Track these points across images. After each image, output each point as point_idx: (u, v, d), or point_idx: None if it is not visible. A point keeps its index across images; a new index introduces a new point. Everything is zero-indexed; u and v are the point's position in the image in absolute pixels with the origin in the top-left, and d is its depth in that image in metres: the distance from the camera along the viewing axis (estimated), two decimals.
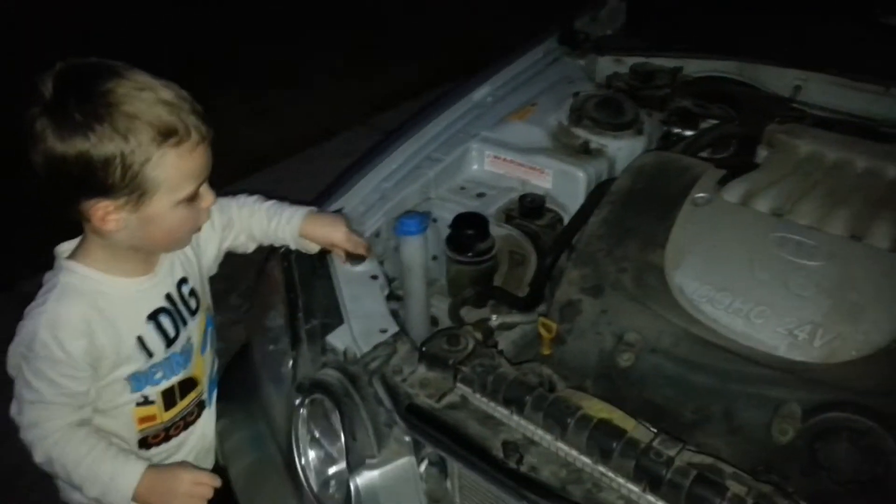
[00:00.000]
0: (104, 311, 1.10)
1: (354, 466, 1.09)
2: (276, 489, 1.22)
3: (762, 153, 1.52)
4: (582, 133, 1.67)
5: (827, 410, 1.02)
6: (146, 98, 0.99)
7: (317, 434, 1.20)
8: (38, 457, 1.11)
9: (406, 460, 1.09)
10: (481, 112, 1.84)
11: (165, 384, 1.20)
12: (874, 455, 0.97)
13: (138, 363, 1.15)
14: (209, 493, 1.13)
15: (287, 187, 2.35)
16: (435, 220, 1.57)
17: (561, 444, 0.99)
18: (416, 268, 1.47)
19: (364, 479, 1.08)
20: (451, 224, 1.46)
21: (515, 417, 1.04)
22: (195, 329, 1.24)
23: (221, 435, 1.37)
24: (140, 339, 1.14)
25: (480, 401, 1.08)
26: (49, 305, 1.07)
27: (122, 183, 1.00)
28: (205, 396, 1.32)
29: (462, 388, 1.09)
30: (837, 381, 1.04)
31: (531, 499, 0.94)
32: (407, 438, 1.09)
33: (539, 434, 1.01)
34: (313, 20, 5.30)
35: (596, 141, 1.65)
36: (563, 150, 1.65)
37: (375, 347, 1.17)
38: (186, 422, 1.29)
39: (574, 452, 0.98)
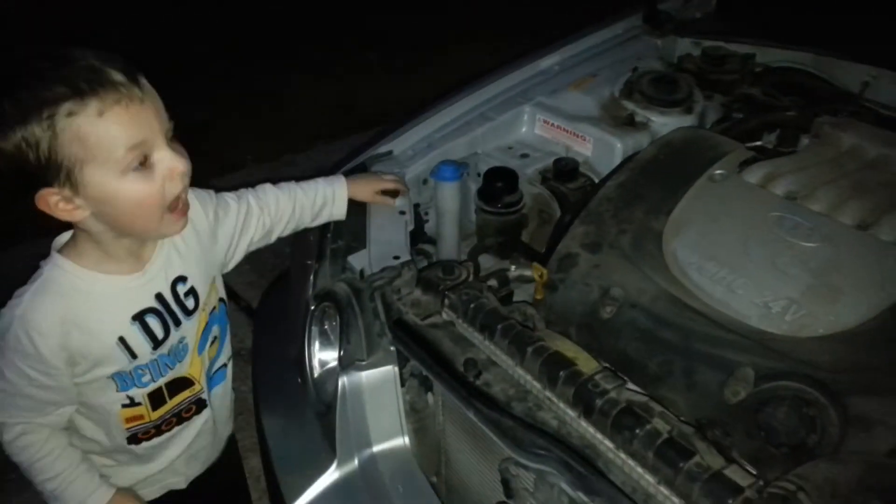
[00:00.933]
0: (83, 310, 1.05)
1: (345, 366, 1.24)
2: (289, 381, 1.39)
3: (804, 142, 1.52)
4: (630, 106, 1.72)
5: (779, 379, 1.05)
6: (48, 70, 0.91)
7: (329, 336, 1.36)
8: (6, 441, 1.11)
9: (389, 368, 1.23)
10: (544, 79, 1.92)
11: (153, 386, 1.16)
12: (811, 424, 1.00)
13: (120, 364, 1.10)
14: None
15: None
16: (479, 175, 1.68)
17: (518, 369, 1.09)
18: (449, 212, 1.60)
19: (352, 378, 1.23)
20: (483, 176, 1.57)
21: (486, 342, 1.15)
22: (191, 329, 1.18)
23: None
24: (122, 340, 1.09)
25: (462, 325, 1.19)
26: (26, 299, 1.03)
27: (41, 164, 0.93)
28: (204, 395, 1.26)
29: (448, 313, 1.21)
30: (796, 353, 1.07)
31: (476, 407, 1.05)
32: (392, 349, 1.23)
33: (502, 358, 1.12)
34: None
35: (642, 115, 1.70)
36: (609, 121, 1.71)
37: (383, 269, 1.31)
38: (181, 417, 1.24)
39: (528, 377, 1.08)
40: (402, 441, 1.26)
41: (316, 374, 1.32)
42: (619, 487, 0.93)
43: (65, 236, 1.10)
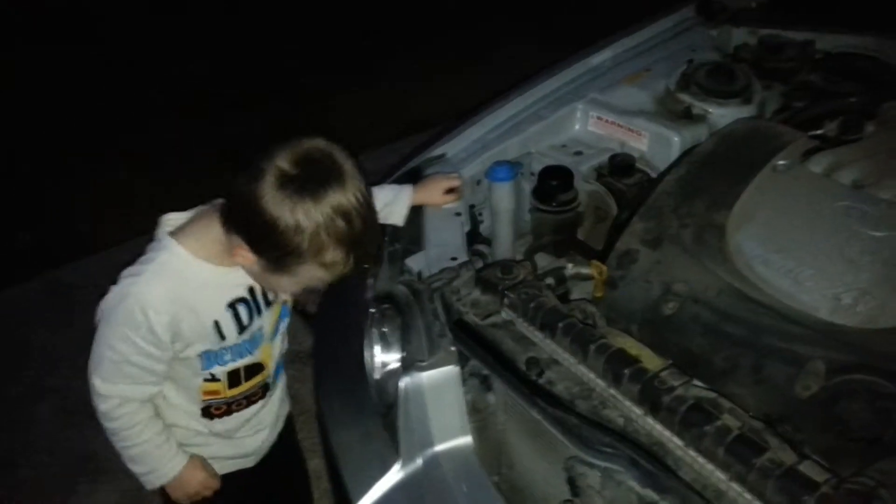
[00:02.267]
0: (191, 294, 1.17)
1: (406, 367, 1.25)
2: (350, 382, 1.41)
3: (869, 129, 1.48)
4: (687, 98, 1.69)
5: (852, 372, 1.02)
6: (350, 227, 1.07)
7: (389, 338, 1.37)
8: (103, 410, 1.22)
9: (450, 368, 1.23)
10: (597, 75, 1.90)
11: (232, 366, 1.28)
12: (887, 417, 0.97)
13: (211, 344, 1.23)
14: (208, 494, 1.34)
15: None
16: (532, 174, 1.68)
17: (581, 367, 1.09)
18: (504, 212, 1.60)
19: (413, 379, 1.24)
20: (538, 175, 1.57)
21: (547, 340, 1.14)
22: (267, 319, 1.31)
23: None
24: (217, 324, 1.22)
25: (522, 325, 1.19)
26: (142, 279, 1.14)
27: (272, 256, 1.10)
28: (270, 380, 1.39)
29: (508, 312, 1.21)
30: (870, 345, 1.04)
31: (540, 406, 1.05)
32: (453, 349, 1.23)
33: (564, 356, 1.11)
34: None
35: (699, 107, 1.67)
36: (665, 115, 1.69)
37: (442, 271, 1.32)
38: (249, 401, 1.36)
39: (591, 375, 1.07)
40: (465, 440, 1.26)
41: (377, 376, 1.33)
42: (689, 484, 0.92)
43: (174, 217, 1.22)
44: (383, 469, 1.28)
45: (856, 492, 0.84)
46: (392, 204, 1.44)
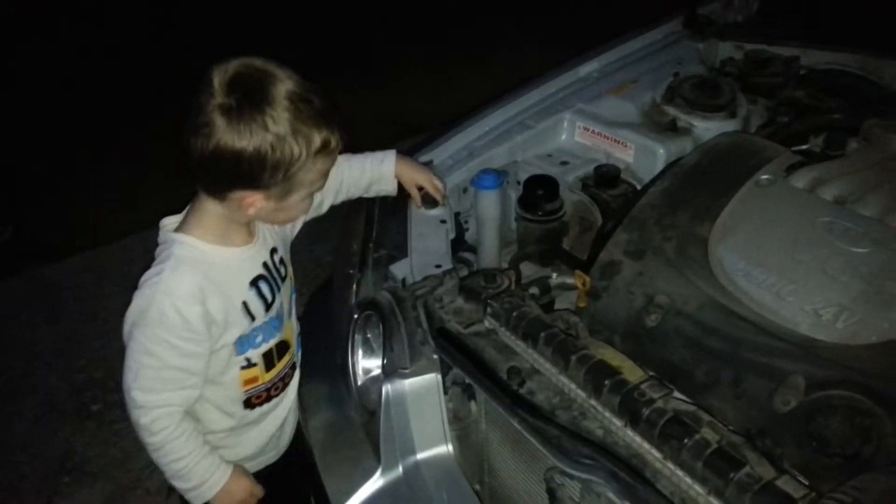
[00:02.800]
0: (215, 279, 1.16)
1: (388, 373, 1.25)
2: (333, 388, 1.41)
3: (852, 145, 1.49)
4: (672, 111, 1.71)
5: (832, 387, 1.03)
6: (314, 106, 1.08)
7: (372, 345, 1.37)
8: (144, 424, 1.17)
9: (432, 376, 1.23)
10: (584, 86, 1.91)
11: (265, 346, 1.27)
12: (867, 434, 0.98)
13: (242, 327, 1.22)
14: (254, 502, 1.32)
15: None
16: (519, 183, 1.68)
17: (562, 378, 1.09)
18: (489, 220, 1.61)
19: (395, 385, 1.24)
20: (524, 184, 1.57)
21: (529, 350, 1.14)
22: (285, 295, 1.31)
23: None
24: (245, 304, 1.21)
25: (504, 334, 1.19)
26: (165, 276, 1.13)
27: (283, 181, 1.09)
28: (296, 358, 1.40)
29: (490, 321, 1.21)
30: (849, 361, 1.05)
31: (521, 415, 1.05)
32: (435, 357, 1.23)
33: (545, 366, 1.11)
34: None
35: (685, 120, 1.68)
36: (650, 127, 1.70)
37: (425, 278, 1.32)
38: (284, 382, 1.36)
39: (572, 385, 1.07)
40: (446, 448, 1.26)
41: (360, 382, 1.33)
42: (667, 497, 0.92)
43: (171, 219, 1.22)
44: (364, 476, 1.28)
45: None
46: (378, 183, 1.48)
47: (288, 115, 1.05)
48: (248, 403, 1.31)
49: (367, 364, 1.36)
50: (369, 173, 1.46)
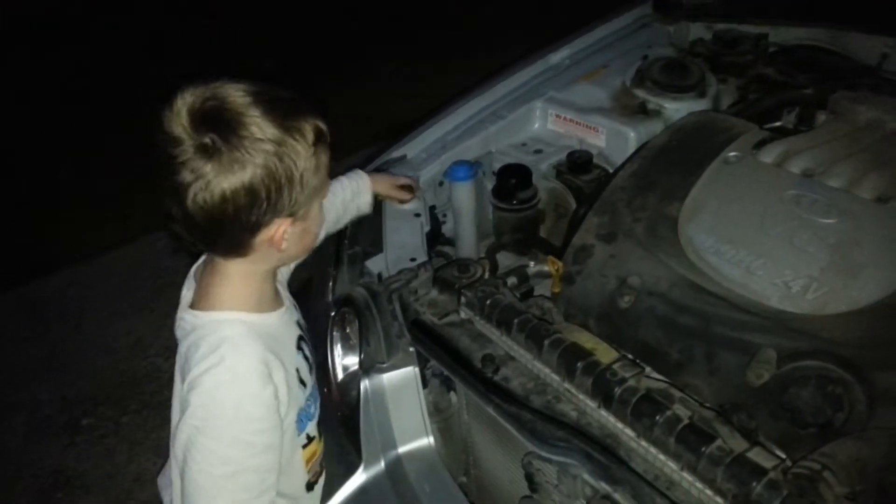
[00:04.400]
0: (273, 349, 1.01)
1: (366, 369, 1.25)
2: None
3: (821, 119, 1.50)
4: (641, 94, 1.71)
5: (803, 358, 1.04)
6: (284, 101, 0.95)
7: (352, 341, 1.37)
8: None
9: (410, 369, 1.24)
10: (555, 74, 1.91)
11: (317, 415, 1.15)
12: (838, 402, 0.98)
13: (299, 399, 1.08)
14: None
15: None
16: (494, 173, 1.68)
17: (536, 363, 1.09)
18: (465, 212, 1.60)
19: (373, 380, 1.24)
20: (497, 174, 1.57)
21: (504, 338, 1.15)
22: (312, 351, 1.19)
23: None
24: (298, 371, 1.08)
25: (479, 322, 1.20)
26: (229, 362, 0.96)
27: (303, 194, 0.95)
28: None
29: (465, 311, 1.22)
30: (819, 331, 1.05)
31: (495, 402, 1.05)
32: (412, 349, 1.23)
33: (520, 352, 1.12)
34: None
35: (654, 102, 1.69)
36: (620, 111, 1.70)
37: (400, 272, 1.32)
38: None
39: (546, 370, 1.08)
40: (427, 441, 1.26)
41: (339, 379, 1.33)
42: (641, 475, 0.92)
43: (187, 299, 1.06)
44: (347, 472, 1.27)
45: (803, 475, 0.85)
46: (358, 198, 1.42)
47: (269, 119, 0.91)
48: (309, 485, 1.18)
49: (346, 361, 1.35)
50: (349, 192, 1.40)
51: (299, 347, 1.11)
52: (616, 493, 0.93)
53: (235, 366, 0.96)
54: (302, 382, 1.08)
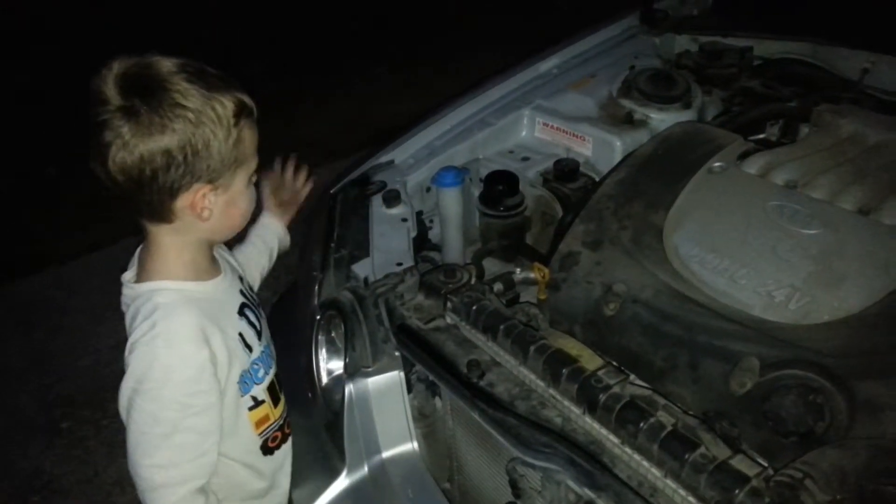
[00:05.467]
0: (209, 315, 1.07)
1: (351, 373, 1.25)
2: (298, 391, 1.40)
3: (804, 131, 1.52)
4: (628, 104, 1.72)
5: (785, 367, 1.04)
6: (211, 77, 1.00)
7: (337, 345, 1.37)
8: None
9: (395, 374, 1.24)
10: (543, 82, 1.93)
11: (267, 379, 1.20)
12: (819, 411, 0.99)
13: (243, 362, 1.13)
14: None
15: None
16: (481, 180, 1.69)
17: (522, 369, 1.09)
18: (452, 218, 1.61)
19: (358, 385, 1.24)
20: (484, 180, 1.58)
21: (489, 343, 1.15)
22: (264, 321, 1.25)
23: None
24: (241, 335, 1.13)
25: (465, 328, 1.20)
26: (161, 327, 1.02)
27: (220, 163, 1.00)
28: None
29: (451, 316, 1.22)
30: (802, 341, 1.06)
31: (480, 407, 1.06)
32: (397, 354, 1.23)
33: (505, 358, 1.12)
34: None
35: (641, 112, 1.70)
36: (607, 120, 1.71)
37: (386, 276, 1.32)
38: (289, 420, 1.30)
39: (531, 376, 1.08)
40: (411, 446, 1.26)
41: (324, 383, 1.32)
42: (624, 482, 0.93)
43: (129, 273, 1.11)
44: (330, 477, 1.27)
45: (784, 483, 0.85)
46: (271, 237, 1.44)
47: (193, 88, 0.96)
48: (266, 449, 1.23)
49: (331, 365, 1.35)
50: (273, 242, 1.45)
51: (242, 313, 1.16)
52: (600, 500, 0.93)
53: (167, 330, 1.02)
54: (247, 346, 1.14)
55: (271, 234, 1.44)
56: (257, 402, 1.18)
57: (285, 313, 1.63)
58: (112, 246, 3.22)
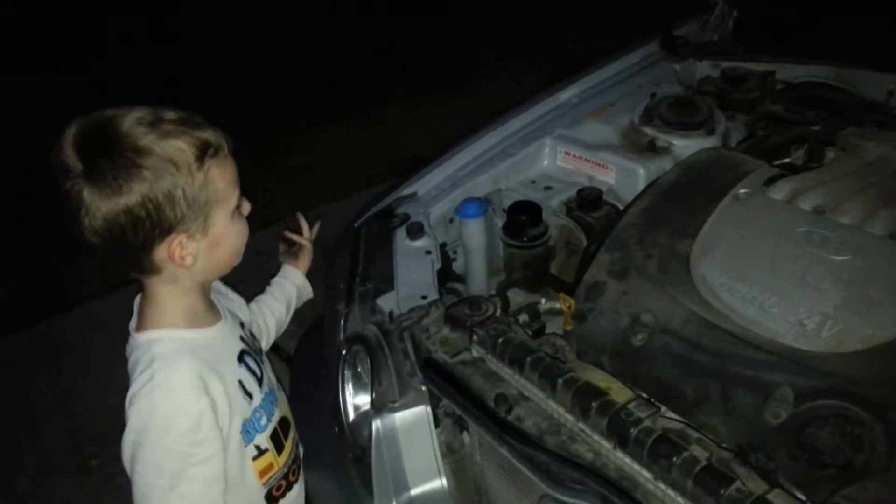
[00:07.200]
0: (208, 362, 1.06)
1: (378, 408, 1.24)
2: (325, 427, 1.40)
3: (830, 156, 1.50)
4: (650, 131, 1.72)
5: (820, 397, 1.02)
6: (167, 122, 0.97)
7: (363, 380, 1.36)
8: None
9: (421, 408, 1.23)
10: (563, 111, 1.93)
11: (269, 427, 1.17)
12: (857, 442, 0.97)
13: (244, 410, 1.12)
14: None
15: None
16: (504, 210, 1.69)
17: (550, 402, 1.08)
18: (476, 249, 1.61)
19: (385, 420, 1.23)
20: (507, 210, 1.58)
21: (516, 376, 1.14)
22: (267, 367, 1.24)
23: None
24: (241, 383, 1.12)
25: (491, 361, 1.19)
26: (159, 378, 1.01)
27: (189, 211, 0.98)
28: (297, 437, 1.30)
29: (477, 349, 1.21)
30: (836, 370, 1.04)
31: (509, 443, 1.04)
32: (424, 388, 1.23)
33: (533, 391, 1.11)
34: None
35: (663, 139, 1.70)
36: (630, 148, 1.71)
37: (411, 310, 1.31)
38: (297, 465, 1.28)
39: (560, 409, 1.07)
40: (440, 483, 1.25)
41: (351, 419, 1.32)
42: None
43: (131, 324, 1.11)
44: None
45: None
46: (289, 286, 1.45)
47: (147, 141, 0.94)
48: (271, 498, 1.20)
49: (358, 400, 1.35)
50: (292, 291, 1.45)
51: (242, 360, 1.15)
52: None
53: (166, 381, 1.01)
54: (247, 394, 1.13)
55: (289, 283, 1.45)
56: (261, 451, 1.16)
57: (311, 348, 1.64)
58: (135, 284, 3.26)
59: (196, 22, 5.92)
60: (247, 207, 1.09)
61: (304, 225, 1.48)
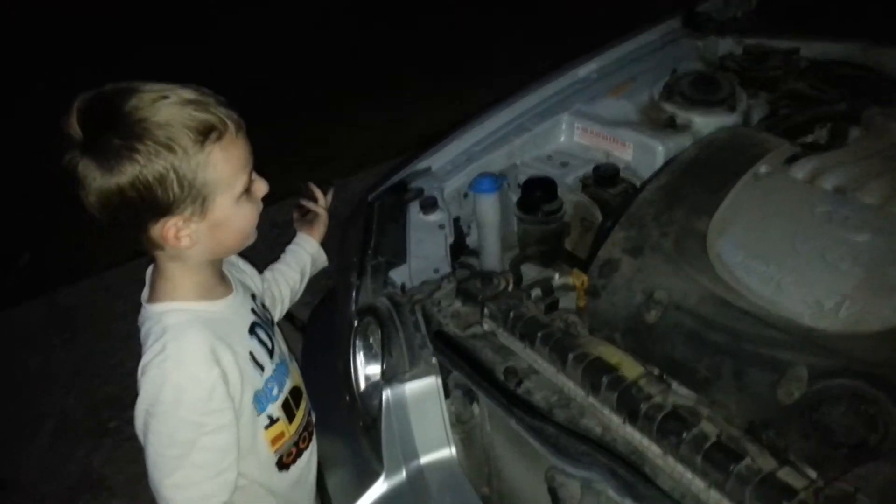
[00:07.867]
0: (219, 334, 1.06)
1: (388, 379, 1.24)
2: (336, 396, 1.40)
3: (854, 135, 1.47)
4: (670, 108, 1.69)
5: (835, 377, 1.01)
6: (172, 103, 0.94)
7: (374, 351, 1.37)
8: None
9: (431, 379, 1.22)
10: (582, 87, 1.91)
11: (282, 397, 1.19)
12: (872, 422, 0.96)
13: (255, 381, 1.13)
14: None
15: None
16: (519, 186, 1.68)
17: (560, 376, 1.08)
18: (489, 224, 1.60)
19: (395, 390, 1.23)
20: (522, 186, 1.57)
21: (527, 350, 1.14)
22: (279, 338, 1.25)
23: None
24: (252, 355, 1.13)
25: (502, 335, 1.19)
26: (171, 348, 1.01)
27: (183, 194, 0.96)
28: (310, 405, 1.33)
29: (488, 323, 1.21)
30: (852, 350, 1.03)
31: (518, 415, 1.04)
32: (434, 361, 1.22)
33: (543, 366, 1.10)
34: None
35: (683, 116, 1.67)
36: (648, 125, 1.69)
37: (423, 283, 1.32)
38: (308, 432, 1.30)
39: (570, 384, 1.06)
40: (449, 452, 1.25)
41: (362, 388, 1.32)
42: (667, 493, 0.91)
43: (143, 294, 1.11)
44: (368, 481, 1.27)
45: (835, 497, 0.82)
46: (303, 255, 1.45)
47: (148, 123, 0.92)
48: (281, 465, 1.23)
49: (368, 371, 1.35)
50: (308, 260, 1.45)
51: (253, 332, 1.16)
52: None
53: (177, 352, 1.02)
54: (259, 366, 1.14)
55: (304, 251, 1.45)
56: (272, 421, 1.18)
57: (323, 318, 1.64)
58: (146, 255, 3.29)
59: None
60: (262, 188, 1.07)
61: (318, 193, 1.48)
